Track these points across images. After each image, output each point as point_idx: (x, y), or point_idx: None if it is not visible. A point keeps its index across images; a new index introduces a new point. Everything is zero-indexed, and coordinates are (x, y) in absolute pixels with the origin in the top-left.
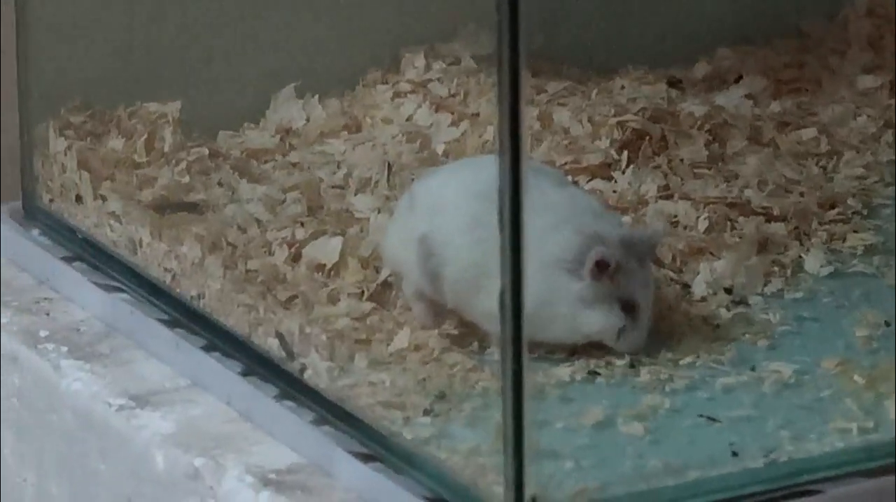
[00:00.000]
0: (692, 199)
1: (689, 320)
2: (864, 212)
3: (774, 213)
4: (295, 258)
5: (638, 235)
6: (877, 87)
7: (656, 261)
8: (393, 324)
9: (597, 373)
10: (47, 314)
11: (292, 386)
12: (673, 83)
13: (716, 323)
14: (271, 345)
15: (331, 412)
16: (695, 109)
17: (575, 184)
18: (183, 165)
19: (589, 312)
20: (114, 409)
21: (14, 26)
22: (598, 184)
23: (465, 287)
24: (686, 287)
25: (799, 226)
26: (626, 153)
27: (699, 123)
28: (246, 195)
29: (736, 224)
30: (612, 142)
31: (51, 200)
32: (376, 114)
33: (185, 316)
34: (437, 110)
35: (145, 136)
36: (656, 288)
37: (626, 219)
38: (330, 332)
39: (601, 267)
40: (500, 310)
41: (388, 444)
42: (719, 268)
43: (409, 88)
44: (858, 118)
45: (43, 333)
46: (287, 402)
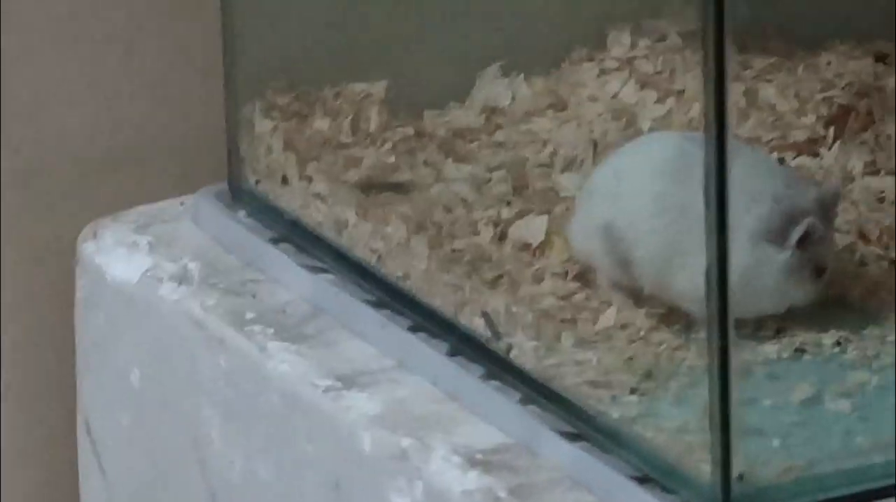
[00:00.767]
0: None
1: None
2: None
3: None
4: (500, 237)
5: (826, 196)
6: None
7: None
8: (598, 302)
9: (803, 351)
10: (253, 296)
11: (498, 366)
12: (880, 58)
13: None
14: (477, 325)
15: (537, 391)
16: None
17: (768, 154)
18: (388, 145)
19: (792, 281)
20: (320, 390)
21: None
22: (803, 160)
23: (660, 269)
24: (893, 263)
25: None
26: (832, 129)
27: None
28: (451, 175)
29: None
30: (818, 118)
31: (257, 182)
32: (582, 92)
33: (390, 296)
34: (642, 87)
35: (351, 117)
36: (862, 265)
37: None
38: (536, 312)
39: (807, 236)
40: (706, 287)
41: (594, 423)
42: None
43: (614, 66)
44: None
45: (249, 315)
46: (493, 382)
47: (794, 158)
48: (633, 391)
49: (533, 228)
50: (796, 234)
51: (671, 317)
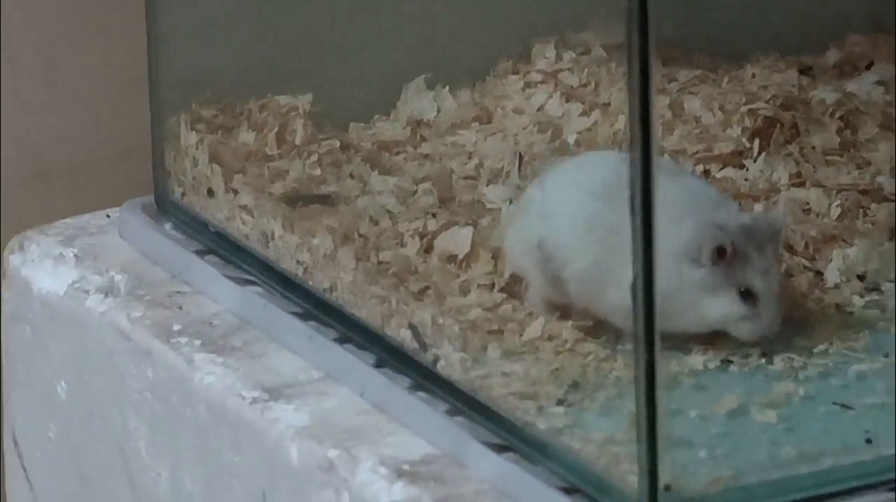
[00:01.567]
0: (824, 187)
1: (822, 307)
2: None
3: None
4: (427, 249)
5: (758, 223)
6: None
7: (784, 248)
8: (525, 314)
9: (730, 362)
10: (180, 308)
11: (425, 378)
12: (804, 70)
13: (849, 310)
14: (404, 337)
15: (464, 403)
16: (826, 96)
17: (692, 172)
18: (314, 158)
19: (710, 300)
20: (247, 402)
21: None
22: (729, 172)
23: (590, 286)
24: (819, 274)
25: None
26: (757, 141)
27: (831, 110)
28: (377, 187)
29: (868, 210)
30: (743, 130)
31: (183, 194)
32: (507, 104)
33: (317, 308)
34: (567, 100)
35: (276, 129)
36: (788, 276)
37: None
38: (462, 323)
39: (720, 253)
40: (632, 299)
41: (521, 434)
42: (852, 255)
43: (539, 78)
44: None
45: (176, 327)
46: (420, 393)
47: (719, 170)
48: (560, 402)
49: (459, 240)
50: (706, 250)
51: (598, 328)
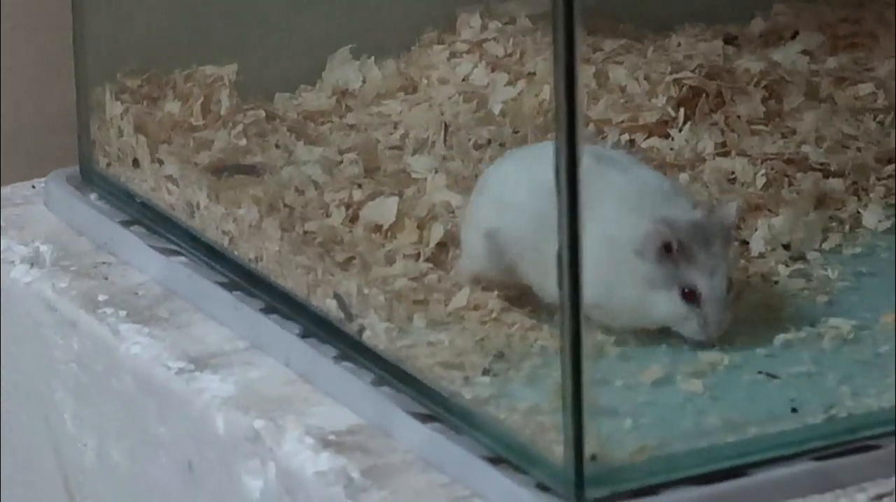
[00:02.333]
0: (749, 156)
1: (748, 277)
2: None
3: (832, 169)
4: (352, 219)
5: (709, 221)
6: None
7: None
8: (451, 284)
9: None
10: (105, 278)
11: (351, 348)
12: (729, 40)
13: (774, 279)
14: (329, 307)
15: (390, 373)
16: (751, 66)
17: (646, 164)
18: (240, 128)
19: (653, 296)
20: (173, 372)
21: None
22: (654, 142)
23: (538, 279)
24: (744, 244)
25: (856, 181)
26: (682, 110)
27: (756, 80)
28: (303, 157)
29: (793, 180)
30: (668, 99)
31: (108, 165)
32: (432, 74)
33: (243, 278)
34: (493, 70)
35: (202, 99)
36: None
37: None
38: (388, 293)
39: (666, 249)
40: (558, 270)
41: (447, 404)
42: (777, 225)
43: (465, 48)
44: None
45: (102, 297)
46: (346, 363)
47: (644, 140)
48: (485, 372)
49: (384, 210)
50: (651, 244)
51: (524, 298)
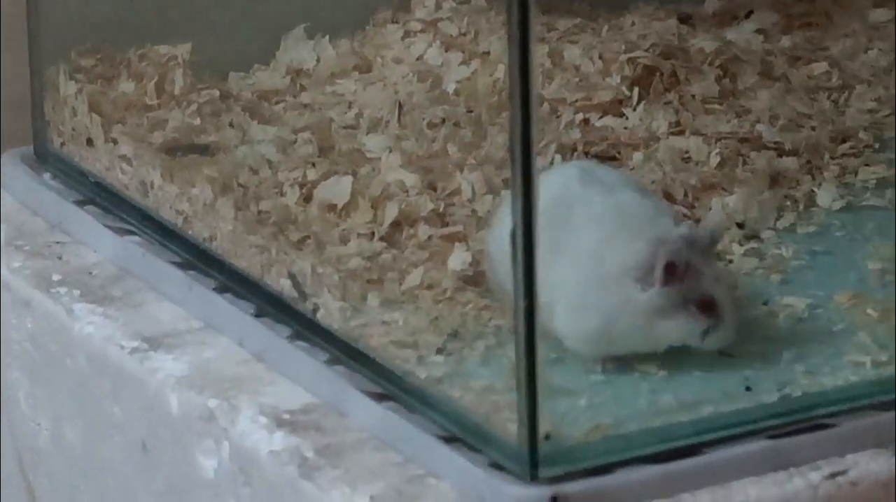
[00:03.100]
0: (704, 135)
1: None
2: (876, 146)
3: (786, 148)
4: (306, 199)
5: (699, 231)
6: (888, 21)
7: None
8: (405, 263)
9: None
10: (59, 258)
11: (305, 327)
12: (683, 19)
13: (728, 258)
14: (284, 286)
15: (344, 352)
16: (705, 45)
17: (626, 181)
18: (194, 107)
19: (666, 320)
20: (127, 352)
21: None
22: (609, 121)
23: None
24: (698, 222)
25: (811, 160)
26: (637, 90)
27: (710, 59)
28: (257, 136)
29: (748, 159)
30: (623, 78)
31: (62, 144)
32: (387, 53)
33: (197, 258)
34: (447, 49)
35: (156, 79)
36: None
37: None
38: (342, 272)
39: (671, 270)
40: (511, 248)
41: (401, 383)
42: (731, 204)
43: (419, 27)
44: (869, 51)
45: (55, 277)
46: (300, 343)
47: (599, 119)
48: (439, 351)
49: (339, 189)
50: (658, 268)
51: (478, 277)
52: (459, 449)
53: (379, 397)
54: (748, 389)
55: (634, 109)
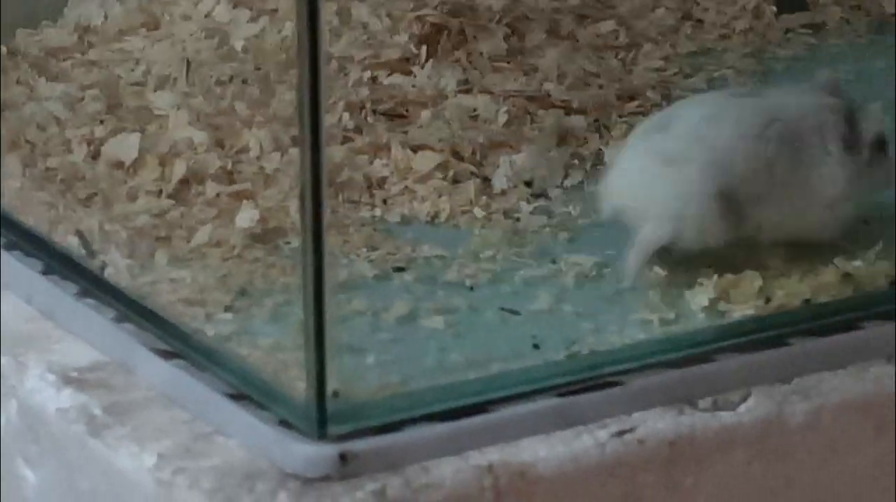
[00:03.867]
0: (492, 93)
1: (490, 214)
2: (663, 104)
3: (574, 106)
4: (94, 156)
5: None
6: None
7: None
8: (193, 220)
9: (402, 269)
10: None
11: (93, 284)
12: None
13: (516, 216)
14: (71, 243)
15: (132, 309)
16: (493, 3)
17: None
18: None
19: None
20: None
21: None
22: (397, 79)
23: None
24: (486, 181)
25: (598, 118)
26: (425, 47)
27: (498, 17)
28: (45, 93)
29: (535, 117)
30: (410, 36)
31: None
32: (175, 10)
33: None
34: (235, 6)
35: None
36: (455, 182)
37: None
38: (130, 229)
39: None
40: (299, 204)
41: (189, 341)
42: (519, 162)
43: None
44: (657, 10)
45: None
46: (88, 300)
47: (387, 77)
48: (227, 309)
49: (126, 146)
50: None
51: (266, 235)
52: (248, 407)
53: (167, 355)
54: (536, 347)
55: (423, 67)
